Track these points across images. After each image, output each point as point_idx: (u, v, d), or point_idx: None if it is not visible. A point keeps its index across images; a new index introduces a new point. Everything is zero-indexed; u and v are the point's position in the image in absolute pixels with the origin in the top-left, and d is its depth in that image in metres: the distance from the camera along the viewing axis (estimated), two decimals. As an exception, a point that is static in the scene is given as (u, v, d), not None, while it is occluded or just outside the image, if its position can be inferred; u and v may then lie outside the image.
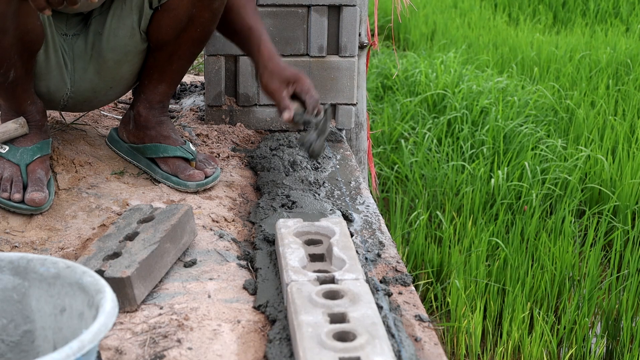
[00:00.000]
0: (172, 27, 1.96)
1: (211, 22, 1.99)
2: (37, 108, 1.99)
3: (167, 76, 2.07)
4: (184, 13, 1.94)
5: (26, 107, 1.96)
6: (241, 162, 2.27)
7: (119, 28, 1.99)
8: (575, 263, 3.12)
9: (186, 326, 1.43)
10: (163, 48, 2.01)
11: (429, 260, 3.24)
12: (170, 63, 2.04)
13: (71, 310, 1.19)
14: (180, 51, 2.02)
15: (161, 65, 2.05)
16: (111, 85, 2.10)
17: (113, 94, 2.14)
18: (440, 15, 6.99)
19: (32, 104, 1.97)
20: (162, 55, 2.03)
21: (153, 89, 2.08)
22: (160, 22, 1.97)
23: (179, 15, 1.94)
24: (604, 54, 5.55)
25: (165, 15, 1.95)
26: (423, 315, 1.51)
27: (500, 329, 2.90)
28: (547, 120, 4.44)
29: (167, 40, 1.99)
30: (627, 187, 3.55)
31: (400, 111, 4.66)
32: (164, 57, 2.03)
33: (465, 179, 3.69)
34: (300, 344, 1.25)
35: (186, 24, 1.96)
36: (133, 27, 1.98)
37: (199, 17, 1.95)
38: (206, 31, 2.01)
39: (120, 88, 2.13)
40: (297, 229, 1.68)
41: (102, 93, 2.11)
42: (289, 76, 1.99)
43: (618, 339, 2.86)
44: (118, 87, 2.12)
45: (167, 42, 2.00)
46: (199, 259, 1.69)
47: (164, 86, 2.08)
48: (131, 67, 2.07)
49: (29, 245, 1.75)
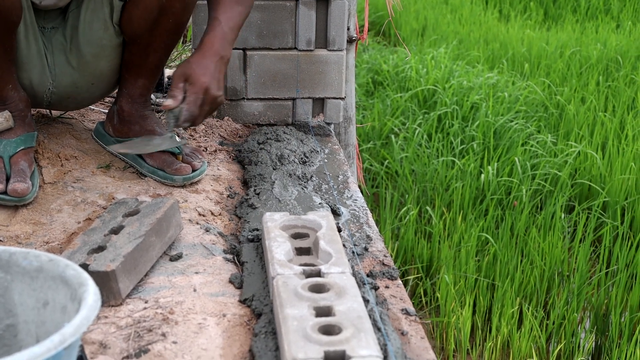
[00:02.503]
0: (143, 18, 1.94)
1: (183, 12, 1.95)
2: (20, 96, 1.97)
3: (145, 69, 2.06)
4: (154, 4, 1.91)
5: (7, 92, 1.94)
6: (228, 156, 2.26)
7: (93, 21, 1.97)
8: (565, 258, 3.12)
9: (171, 320, 1.41)
10: (137, 41, 1.99)
11: (419, 256, 3.24)
12: (146, 56, 2.02)
13: (54, 303, 1.18)
14: (155, 43, 1.99)
15: (138, 59, 2.03)
16: (92, 82, 2.07)
17: (96, 91, 2.12)
18: (431, 11, 6.99)
19: (14, 89, 1.95)
20: (137, 48, 2.01)
21: (133, 82, 2.07)
22: (131, 14, 1.94)
23: (149, 7, 1.91)
24: (594, 50, 5.56)
25: (135, 7, 1.93)
26: (410, 309, 1.50)
27: (489, 324, 2.90)
28: (538, 116, 4.45)
29: (140, 33, 1.97)
30: (616, 183, 3.55)
31: (390, 106, 4.66)
32: (139, 51, 2.01)
33: (455, 175, 3.69)
34: (286, 338, 1.24)
35: (157, 15, 1.93)
36: (106, 20, 1.97)
37: (170, 8, 1.92)
38: (179, 22, 1.98)
39: (102, 84, 2.11)
40: (284, 222, 1.67)
41: (85, 89, 2.09)
42: (191, 74, 1.88)
43: (607, 334, 2.86)
44: (100, 84, 2.10)
45: (140, 35, 1.97)
46: (185, 253, 1.68)
47: (143, 80, 2.07)
48: (109, 62, 2.05)
49: (14, 239, 1.73)
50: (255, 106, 2.50)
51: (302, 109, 2.51)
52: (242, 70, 2.46)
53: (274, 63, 2.46)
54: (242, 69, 2.46)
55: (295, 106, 2.51)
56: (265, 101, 2.50)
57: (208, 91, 1.87)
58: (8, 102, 1.95)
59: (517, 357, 2.70)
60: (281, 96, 2.50)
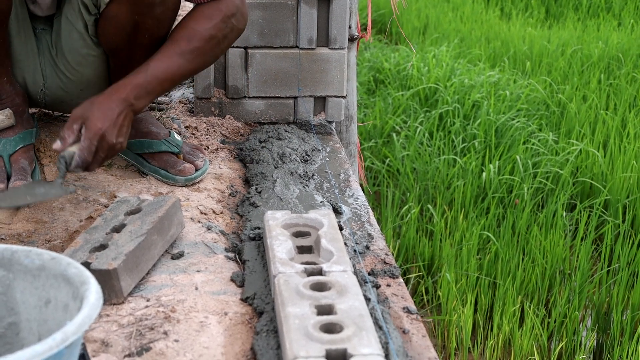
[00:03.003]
0: (117, 34, 1.87)
1: (157, 28, 1.87)
2: (17, 91, 1.96)
3: None
4: (125, 21, 1.84)
5: (2, 85, 1.93)
6: (230, 155, 2.26)
7: (71, 31, 1.93)
8: (566, 257, 3.12)
9: (173, 318, 1.42)
10: (117, 54, 1.94)
11: (420, 254, 3.24)
12: (130, 67, 1.89)
13: (56, 302, 1.18)
14: (137, 56, 1.91)
15: (122, 69, 1.93)
16: (80, 88, 2.02)
17: (88, 96, 2.04)
18: (432, 9, 6.98)
19: (9, 83, 1.93)
20: (118, 61, 1.96)
21: None
22: (104, 29, 1.88)
23: (121, 23, 1.84)
24: (595, 48, 5.55)
25: (107, 23, 1.87)
26: (411, 308, 1.50)
27: (491, 322, 2.90)
28: (539, 114, 4.44)
29: (117, 47, 1.91)
30: (618, 181, 3.55)
31: (392, 105, 4.66)
32: (121, 63, 1.95)
33: (456, 173, 3.69)
34: (287, 336, 1.24)
35: (131, 30, 1.86)
36: (81, 32, 1.92)
37: (142, 24, 1.85)
38: (155, 37, 1.89)
39: (92, 90, 2.01)
40: (285, 220, 1.67)
41: (75, 94, 2.03)
42: (89, 117, 1.72)
43: (608, 332, 2.86)
44: (89, 89, 2.02)
45: (118, 49, 1.92)
46: (187, 251, 1.68)
47: None
48: (94, 70, 1.99)
49: (16, 237, 1.74)
50: (257, 104, 2.50)
51: (304, 108, 2.51)
52: (243, 69, 2.46)
53: (276, 61, 2.46)
54: (244, 67, 2.46)
55: (296, 104, 2.51)
56: (266, 99, 2.50)
57: (104, 138, 1.71)
58: (4, 97, 1.94)
59: (519, 355, 2.70)
60: (283, 94, 2.50)
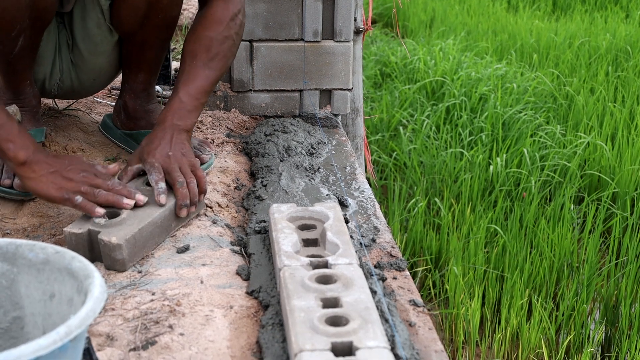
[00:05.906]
0: (132, 16, 1.91)
1: (171, 6, 1.92)
2: (34, 92, 1.99)
3: (143, 65, 2.05)
4: (141, 1, 1.89)
5: (24, 87, 1.96)
6: (236, 148, 2.25)
7: (87, 20, 1.97)
8: (574, 250, 3.11)
9: (178, 312, 1.41)
10: (131, 39, 1.98)
11: (428, 247, 3.22)
12: (143, 52, 2.01)
13: (60, 296, 1.17)
14: (149, 39, 1.98)
15: (135, 55, 2.02)
16: (93, 78, 2.08)
17: (99, 85, 2.15)
18: (439, 3, 6.96)
19: (30, 86, 1.97)
20: (132, 45, 2.00)
21: (134, 78, 2.07)
22: (119, 12, 1.92)
23: (136, 4, 1.89)
24: (603, 40, 5.52)
25: (123, 5, 1.91)
26: (417, 300, 1.49)
27: (498, 315, 2.89)
28: (546, 107, 4.42)
29: (131, 31, 1.95)
30: (626, 174, 3.53)
31: (398, 98, 4.64)
32: (134, 47, 2.00)
33: (463, 166, 3.67)
34: (293, 329, 1.23)
35: (146, 11, 1.90)
36: (98, 18, 1.96)
37: (157, 3, 1.89)
38: (169, 17, 1.95)
39: (103, 79, 2.12)
40: (291, 213, 1.66)
41: (88, 84, 2.10)
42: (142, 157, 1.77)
43: (617, 326, 2.84)
44: (101, 78, 2.10)
45: (132, 32, 1.96)
46: (192, 245, 1.68)
47: (143, 74, 2.07)
48: (107, 58, 2.04)
49: (21, 232, 1.73)
50: (262, 98, 2.49)
51: (309, 101, 2.50)
52: (249, 62, 2.45)
53: (281, 54, 2.45)
54: (249, 60, 2.45)
55: (302, 98, 2.50)
56: (272, 93, 2.49)
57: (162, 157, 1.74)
58: (22, 97, 1.97)
59: (527, 348, 2.69)
60: (288, 88, 2.49)
